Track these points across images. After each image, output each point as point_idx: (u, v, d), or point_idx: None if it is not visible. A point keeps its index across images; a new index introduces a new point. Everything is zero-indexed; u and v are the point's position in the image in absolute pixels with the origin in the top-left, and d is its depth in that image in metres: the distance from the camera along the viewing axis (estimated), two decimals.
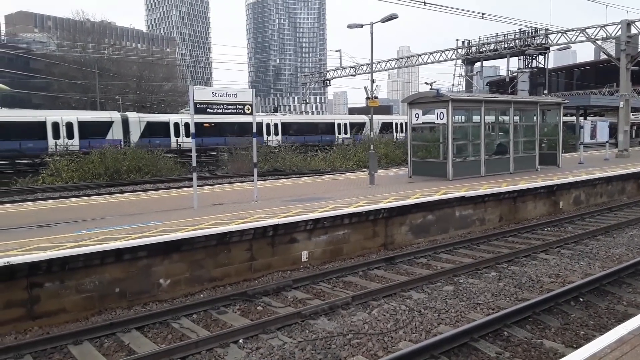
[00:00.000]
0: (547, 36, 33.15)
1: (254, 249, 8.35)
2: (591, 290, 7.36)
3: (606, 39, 26.71)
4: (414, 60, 42.66)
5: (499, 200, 12.54)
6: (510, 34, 39.48)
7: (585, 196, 15.14)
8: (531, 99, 20.89)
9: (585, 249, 10.00)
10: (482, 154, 15.59)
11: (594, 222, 12.68)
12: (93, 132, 31.10)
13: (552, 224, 12.46)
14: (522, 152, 17.11)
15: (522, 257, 9.34)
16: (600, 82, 52.46)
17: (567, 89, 58.24)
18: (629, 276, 8.05)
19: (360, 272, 8.63)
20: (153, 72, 77.30)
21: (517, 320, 6.21)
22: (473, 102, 16.25)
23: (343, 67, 44.58)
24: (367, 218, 9.99)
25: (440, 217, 11.32)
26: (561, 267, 8.75)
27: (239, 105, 10.80)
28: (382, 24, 24.15)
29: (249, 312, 6.85)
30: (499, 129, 17.28)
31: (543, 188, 13.60)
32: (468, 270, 8.55)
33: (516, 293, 7.43)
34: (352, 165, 24.63)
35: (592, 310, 6.76)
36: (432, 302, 7.06)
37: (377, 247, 10.19)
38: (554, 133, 19.09)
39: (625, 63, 24.40)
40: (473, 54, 40.56)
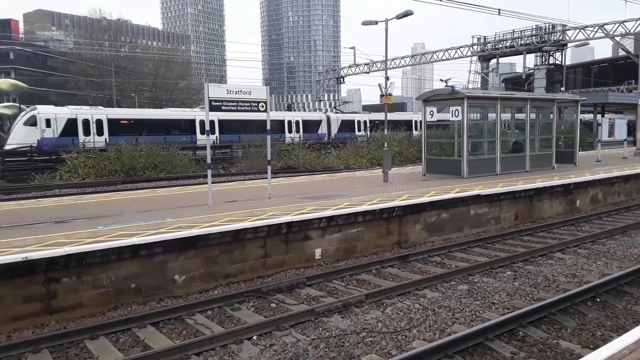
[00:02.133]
0: (565, 32, 32.69)
1: (267, 246, 8.38)
2: (608, 290, 7.25)
3: (625, 35, 26.26)
4: (429, 57, 42.36)
5: (514, 198, 12.41)
6: (526, 30, 38.98)
7: (603, 195, 14.91)
8: (548, 96, 20.60)
9: (602, 248, 9.85)
10: (497, 151, 15.42)
11: (612, 222, 12.49)
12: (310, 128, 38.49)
13: (569, 223, 12.30)
14: (539, 150, 16.89)
15: (538, 257, 9.24)
16: (619, 79, 51.52)
17: (585, 86, 57.26)
18: None
19: (373, 270, 8.62)
20: (168, 69, 77.97)
21: (532, 320, 6.14)
22: (489, 100, 16.08)
23: (357, 64, 44.42)
24: (380, 216, 9.96)
25: (455, 216, 11.24)
26: (578, 266, 8.63)
27: (253, 102, 10.84)
28: (397, 20, 24.00)
29: (263, 309, 6.88)
30: (515, 127, 17.07)
31: (560, 187, 13.42)
32: (483, 270, 8.48)
33: (532, 293, 7.36)
34: (366, 163, 24.57)
35: (610, 310, 6.67)
36: (446, 301, 7.02)
37: (391, 245, 10.15)
38: (571, 131, 18.80)
39: None
40: (489, 51, 40.13)
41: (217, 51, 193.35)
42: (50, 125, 27.51)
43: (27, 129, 26.99)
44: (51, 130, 27.44)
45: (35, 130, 26.96)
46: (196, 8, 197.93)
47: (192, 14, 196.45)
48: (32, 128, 27.03)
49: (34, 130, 26.99)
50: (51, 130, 27.47)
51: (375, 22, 24.14)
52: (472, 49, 40.43)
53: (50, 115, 27.79)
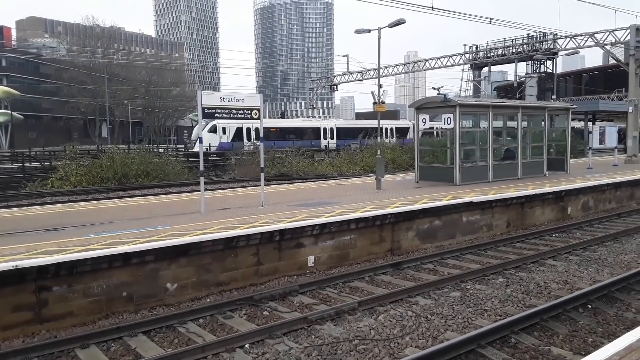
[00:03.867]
0: (556, 41, 33.08)
1: (260, 254, 8.37)
2: (599, 297, 7.30)
3: (615, 44, 26.61)
4: (422, 65, 42.64)
5: (506, 205, 12.48)
6: (518, 38, 39.39)
7: (594, 202, 15.03)
8: (539, 104, 20.79)
9: (593, 255, 9.92)
10: (489, 159, 15.52)
11: (603, 229, 12.58)
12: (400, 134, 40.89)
13: (560, 230, 12.37)
14: (530, 157, 17.02)
15: (530, 263, 9.28)
16: (609, 87, 52.15)
17: (576, 94, 57.87)
18: (638, 283, 7.97)
19: (366, 278, 8.62)
20: (161, 77, 77.92)
21: (524, 327, 6.16)
22: (481, 107, 16.20)
23: (350, 72, 44.62)
24: (373, 223, 9.98)
25: (447, 223, 11.28)
26: (569, 273, 8.68)
27: (246, 110, 10.85)
28: (390, 29, 24.17)
29: (255, 316, 6.85)
30: (507, 134, 17.19)
31: (551, 194, 13.51)
32: (475, 276, 8.51)
33: (524, 299, 7.38)
34: (359, 170, 24.62)
35: (601, 317, 6.70)
36: (438, 308, 7.03)
37: (384, 252, 10.17)
38: (562, 138, 18.97)
39: (634, 68, 24.23)
40: (481, 59, 40.49)
41: (210, 58, 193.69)
42: (225, 133, 35.95)
43: (210, 135, 34.52)
44: (226, 137, 35.78)
45: (216, 137, 35.04)
46: (190, 15, 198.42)
47: (186, 21, 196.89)
48: (214, 135, 34.92)
49: (215, 136, 35.04)
50: (226, 136, 35.87)
51: (368, 31, 24.30)
52: (464, 57, 40.77)
53: (225, 125, 35.84)
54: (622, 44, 25.70)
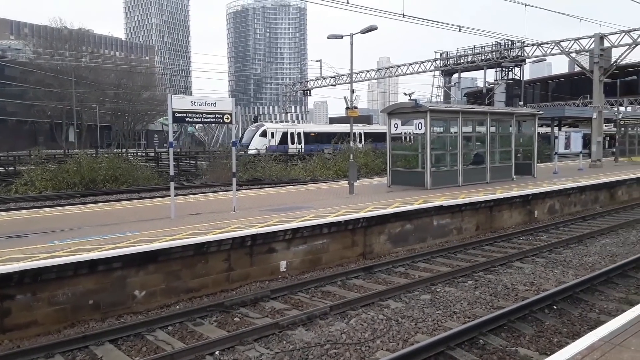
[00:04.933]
0: (523, 49, 33.95)
1: (232, 259, 8.29)
2: (565, 298, 7.50)
3: (580, 52, 27.45)
4: (394, 71, 43.14)
5: (475, 209, 12.72)
6: (487, 46, 40.31)
7: (560, 205, 15.45)
8: (507, 110, 21.30)
9: (559, 257, 10.19)
10: (459, 163, 15.80)
11: (568, 231, 12.94)
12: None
13: (527, 232, 12.68)
14: (499, 162, 17.39)
15: (498, 266, 9.47)
16: (575, 93, 53.87)
17: (543, 101, 59.55)
18: (601, 284, 8.23)
19: (338, 282, 8.64)
20: (131, 80, 76.57)
21: (492, 328, 6.28)
22: (451, 113, 16.50)
23: (323, 77, 44.82)
24: (346, 227, 10.02)
25: (419, 227, 11.41)
26: (536, 275, 8.90)
27: (218, 114, 10.77)
28: (362, 35, 24.35)
29: (226, 323, 6.78)
30: (476, 139, 17.53)
31: (519, 197, 13.84)
32: (445, 279, 8.63)
33: (492, 301, 7.53)
34: (332, 175, 24.69)
35: (566, 317, 6.89)
36: (409, 311, 7.10)
37: (356, 257, 10.21)
38: (530, 143, 19.46)
39: (598, 75, 25.07)
40: (451, 66, 41.25)
41: (182, 62, 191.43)
42: (273, 137, 39.70)
43: (261, 139, 38.54)
44: (274, 140, 39.37)
45: (266, 140, 38.67)
46: (161, 18, 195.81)
47: (157, 24, 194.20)
48: (264, 138, 38.78)
49: (265, 140, 38.70)
50: (274, 140, 39.47)
51: (341, 37, 24.47)
52: (435, 64, 41.42)
53: (273, 130, 40.38)
54: (587, 52, 26.51)
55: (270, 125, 41.88)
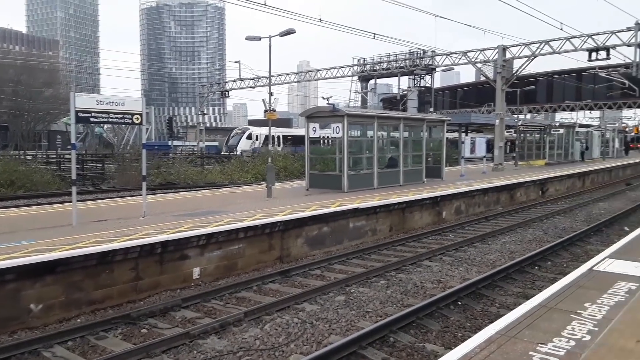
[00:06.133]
0: (434, 58, 35.73)
1: (140, 268, 7.88)
2: (468, 294, 7.94)
3: (485, 62, 29.30)
4: (313, 75, 43.62)
5: (389, 211, 13.15)
6: (401, 54, 42.01)
7: (465, 206, 16.41)
8: (418, 116, 22.30)
9: (464, 255, 10.80)
10: (374, 167, 16.27)
11: (472, 231, 13.75)
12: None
13: (436, 232, 13.32)
14: (411, 165, 18.13)
15: (409, 265, 9.85)
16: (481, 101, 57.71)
17: (452, 107, 63.25)
18: (501, 280, 8.82)
19: (254, 287, 8.52)
20: (32, 77, 70.69)
21: (402, 325, 6.50)
22: (367, 118, 16.95)
23: (242, 78, 44.26)
24: (263, 231, 9.92)
25: (335, 229, 11.58)
26: (443, 273, 9.36)
27: (127, 114, 10.23)
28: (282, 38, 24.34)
29: (132, 335, 6.42)
30: (391, 144, 18.17)
31: (428, 199, 14.51)
32: (359, 280, 8.81)
33: (402, 300, 7.79)
34: (251, 178, 24.42)
35: (469, 312, 7.29)
36: (324, 313, 7.15)
37: (273, 261, 10.14)
38: (439, 148, 20.51)
39: (500, 85, 26.96)
40: (367, 72, 42.48)
41: (90, 59, 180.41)
42: (257, 139, 42.97)
43: (247, 141, 42.09)
44: (258, 142, 42.36)
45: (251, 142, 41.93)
46: (67, 12, 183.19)
47: (63, 17, 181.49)
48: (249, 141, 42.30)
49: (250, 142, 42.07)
50: (258, 142, 42.50)
51: (259, 38, 24.29)
52: (353, 69, 42.43)
53: (258, 133, 43.86)
54: (491, 63, 28.36)
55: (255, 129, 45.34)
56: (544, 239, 12.54)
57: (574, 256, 10.73)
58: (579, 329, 4.54)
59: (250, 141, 43.74)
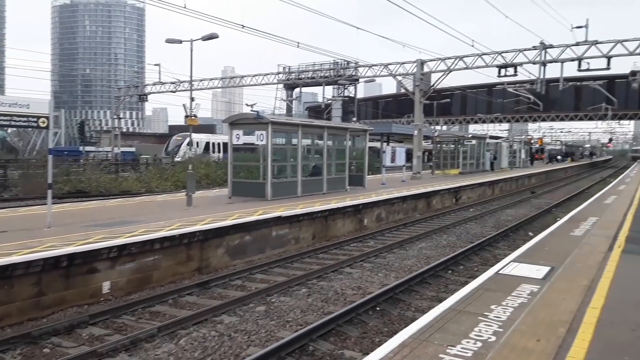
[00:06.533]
0: (357, 69, 36.64)
1: (43, 283, 7.27)
2: (386, 299, 8.14)
3: (404, 75, 30.47)
4: (237, 81, 43.10)
5: (312, 219, 13.22)
6: (325, 64, 42.67)
7: (386, 214, 16.90)
8: (342, 125, 22.71)
9: (383, 261, 11.08)
10: (299, 175, 16.33)
11: (392, 237, 14.17)
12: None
13: (358, 240, 13.58)
14: (335, 173, 18.41)
15: (330, 272, 9.93)
16: (401, 112, 60.09)
17: (374, 117, 65.24)
18: (417, 284, 9.14)
19: (170, 300, 8.17)
20: None
21: (322, 333, 6.51)
22: (291, 126, 16.99)
23: (162, 82, 42.78)
24: (180, 242, 9.57)
25: (258, 238, 11.43)
26: (363, 279, 9.53)
27: (32, 117, 9.50)
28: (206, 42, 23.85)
29: (33, 355, 5.91)
30: (315, 152, 18.34)
31: (351, 207, 14.78)
32: (281, 289, 8.75)
33: (323, 307, 7.82)
34: (170, 186, 23.52)
35: (387, 317, 7.46)
36: (243, 324, 7.00)
37: (192, 272, 9.80)
38: (362, 157, 21.04)
39: (419, 97, 28.16)
40: (293, 80, 42.74)
41: None
42: (198, 146, 41.56)
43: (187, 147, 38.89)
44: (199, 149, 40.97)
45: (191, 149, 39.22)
46: None
47: None
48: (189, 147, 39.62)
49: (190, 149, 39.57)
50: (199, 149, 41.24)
51: (180, 42, 23.61)
52: (278, 77, 42.46)
53: (198, 139, 42.34)
54: (410, 76, 29.54)
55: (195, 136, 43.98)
56: (457, 244, 13.18)
57: (483, 260, 11.37)
58: (485, 330, 4.79)
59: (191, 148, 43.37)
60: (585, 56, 23.46)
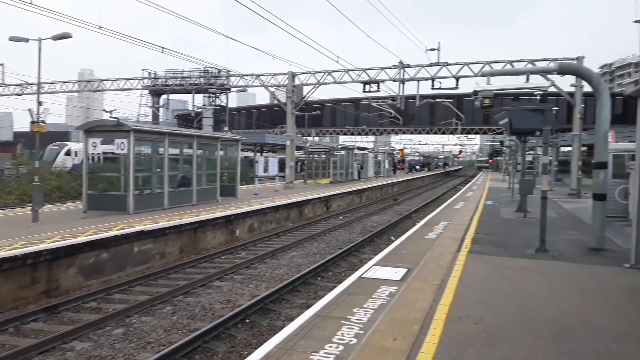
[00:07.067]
0: (228, 77, 36.19)
1: None
2: (256, 310, 8.04)
3: (277, 87, 30.81)
4: (96, 85, 39.97)
5: (180, 232, 12.63)
6: (195, 71, 41.46)
7: (258, 224, 16.82)
8: (213, 134, 22.20)
9: (254, 272, 10.96)
10: (165, 186, 15.55)
11: (264, 247, 14.11)
12: None
13: (229, 251, 13.28)
14: (205, 184, 17.89)
15: (198, 287, 9.55)
16: (274, 122, 60.64)
17: (248, 127, 65.00)
18: (287, 293, 9.18)
19: (11, 329, 7.18)
20: None
21: (187, 352, 6.19)
22: (157, 134, 16.18)
23: (6, 84, 38.03)
24: (24, 262, 8.48)
25: (117, 255, 10.58)
26: (233, 292, 9.31)
27: None
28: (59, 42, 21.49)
29: None
30: (184, 162, 17.65)
31: (222, 218, 14.42)
32: (142, 308, 8.17)
33: (189, 324, 7.47)
34: (14, 200, 20.83)
35: (256, 329, 7.36)
36: (97, 350, 6.39)
37: (37, 296, 8.72)
38: (234, 167, 20.74)
39: (291, 108, 28.66)
40: (159, 86, 40.74)
41: None
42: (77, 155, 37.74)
43: (65, 157, 38.63)
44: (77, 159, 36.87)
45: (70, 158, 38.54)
46: None
47: None
48: (68, 157, 38.79)
49: (69, 158, 38.70)
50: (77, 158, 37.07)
51: (26, 40, 21.06)
52: (142, 82, 40.18)
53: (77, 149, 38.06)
54: (283, 87, 29.95)
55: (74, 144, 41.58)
56: (327, 251, 13.56)
57: (350, 265, 11.83)
58: (347, 333, 4.92)
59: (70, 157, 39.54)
60: (437, 76, 25.93)
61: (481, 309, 5.77)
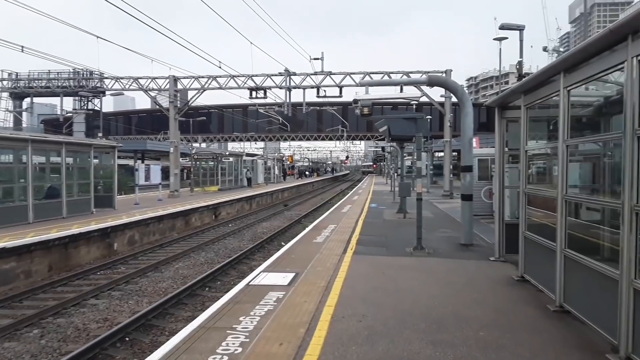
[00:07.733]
0: (102, 80, 33.75)
1: None
2: (137, 327, 7.55)
3: (159, 91, 29.40)
4: None
5: (48, 248, 11.47)
6: (64, 72, 38.12)
7: (140, 235, 15.86)
8: (85, 141, 20.50)
9: (135, 287, 10.30)
10: (29, 198, 14.06)
11: (146, 260, 13.33)
12: None
13: (106, 266, 12.34)
14: (77, 195, 16.51)
15: (71, 307, 8.74)
16: (157, 128, 57.83)
17: (126, 133, 61.22)
18: (172, 307, 8.77)
19: None
20: None
21: None
22: (18, 141, 14.56)
23: None
24: None
25: None
26: (110, 309, 8.66)
27: None
28: None
29: None
30: (52, 171, 16.08)
31: (97, 231, 13.38)
32: (5, 334, 7.29)
33: (60, 348, 6.80)
34: None
35: (137, 347, 6.92)
36: None
37: None
38: (111, 175, 19.36)
39: (174, 114, 27.53)
40: (21, 88, 36.77)
41: None
42: None
43: None
44: None
45: None
46: None
47: None
48: None
49: None
50: None
51: None
52: (1, 84, 35.95)
53: None
54: (165, 92, 28.66)
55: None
56: (215, 260, 13.21)
57: (240, 273, 11.63)
58: (233, 343, 4.82)
59: None
60: (322, 84, 26.69)
61: (364, 307, 6.01)
